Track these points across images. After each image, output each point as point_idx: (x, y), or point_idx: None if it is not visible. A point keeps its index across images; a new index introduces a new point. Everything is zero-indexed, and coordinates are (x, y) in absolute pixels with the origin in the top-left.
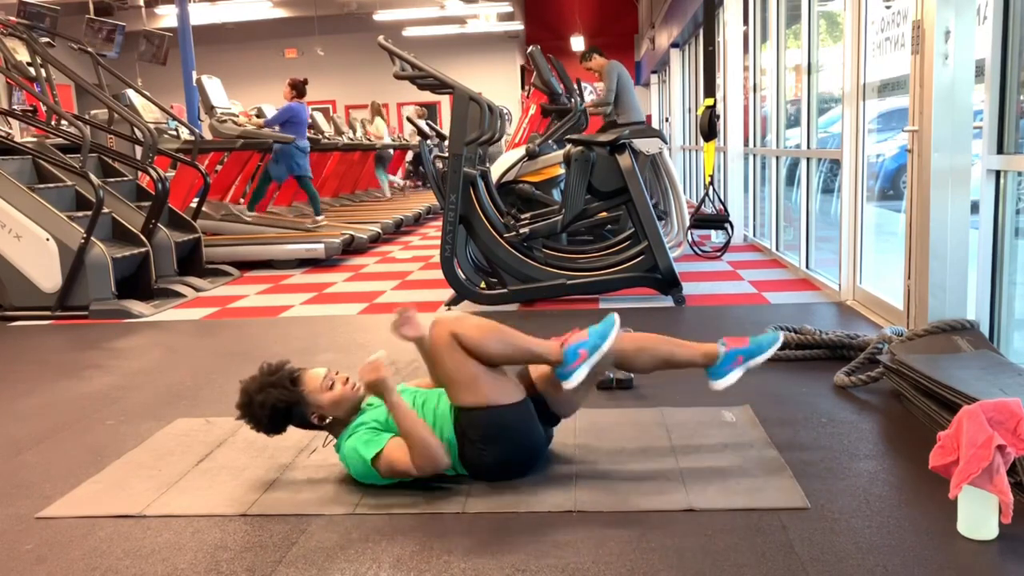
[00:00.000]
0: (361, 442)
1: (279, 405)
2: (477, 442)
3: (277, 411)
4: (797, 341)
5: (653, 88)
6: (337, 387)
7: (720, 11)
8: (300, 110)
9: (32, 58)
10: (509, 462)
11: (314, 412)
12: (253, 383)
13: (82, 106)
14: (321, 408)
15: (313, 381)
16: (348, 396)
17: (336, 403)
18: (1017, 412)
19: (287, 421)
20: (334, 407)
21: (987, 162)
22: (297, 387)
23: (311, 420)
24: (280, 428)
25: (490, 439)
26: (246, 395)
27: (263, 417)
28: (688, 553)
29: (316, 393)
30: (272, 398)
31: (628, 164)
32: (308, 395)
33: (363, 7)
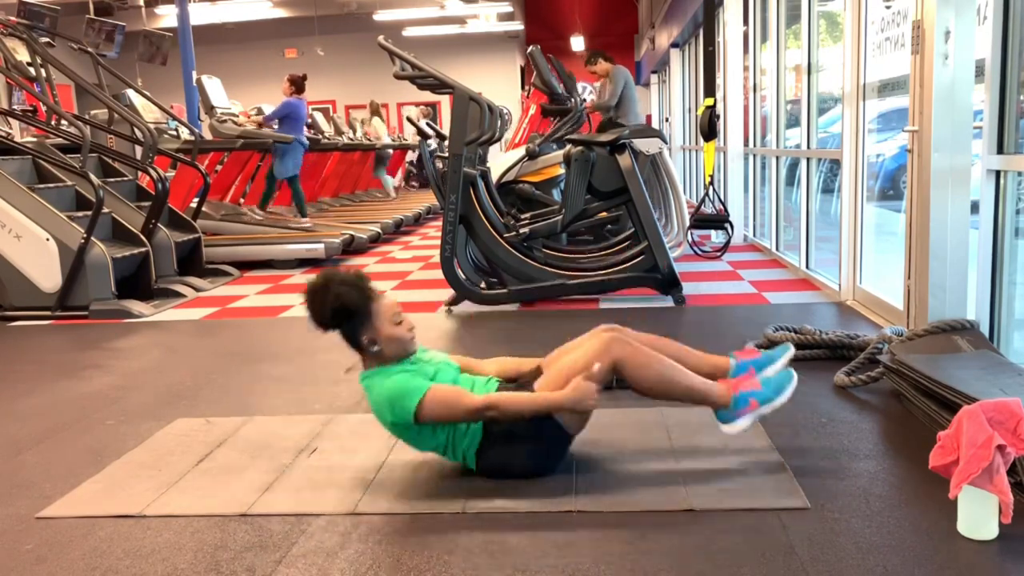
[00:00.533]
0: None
1: (350, 305)
2: (514, 440)
3: (345, 309)
4: (797, 341)
5: (653, 88)
6: (403, 326)
7: (720, 11)
8: (299, 106)
9: (32, 58)
10: (526, 471)
11: (370, 333)
12: (337, 274)
13: (82, 106)
14: (378, 333)
15: (387, 308)
16: (405, 341)
17: (393, 339)
18: (1017, 412)
19: (343, 323)
20: (388, 341)
21: (987, 162)
22: (372, 303)
23: (361, 337)
24: (331, 325)
25: (529, 441)
26: (325, 280)
27: (328, 306)
28: (688, 553)
29: (383, 318)
30: (349, 296)
31: (628, 164)
32: (377, 315)
33: (363, 7)
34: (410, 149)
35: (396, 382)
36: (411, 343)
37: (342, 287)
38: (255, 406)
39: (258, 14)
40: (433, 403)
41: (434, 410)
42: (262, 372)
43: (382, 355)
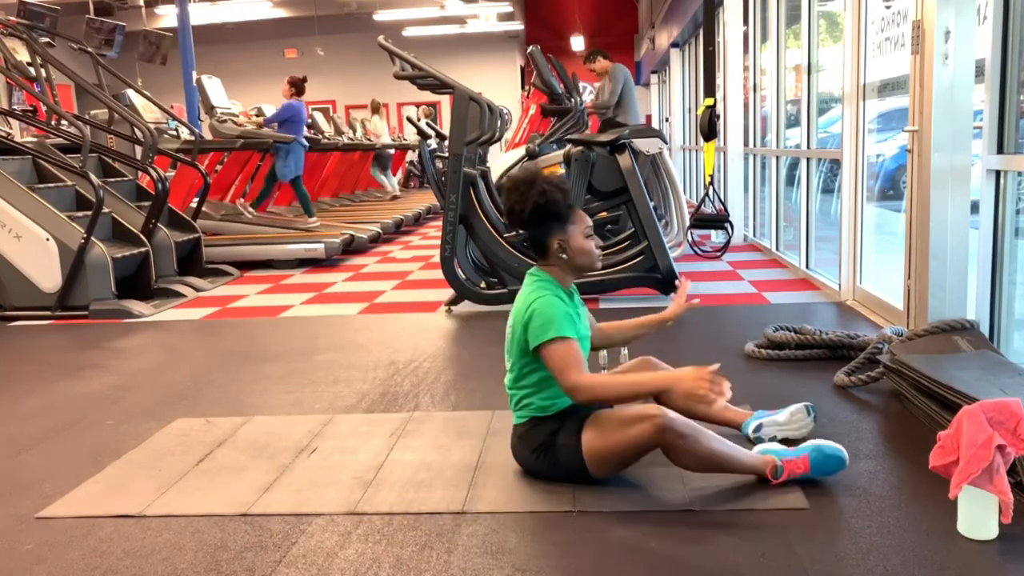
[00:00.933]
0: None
1: (552, 206)
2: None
3: (548, 209)
4: (797, 341)
5: (653, 88)
6: (592, 242)
7: (720, 11)
8: (299, 108)
9: (32, 58)
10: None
11: (562, 240)
12: (542, 174)
13: (82, 106)
14: (568, 243)
15: (582, 219)
16: (593, 255)
17: (584, 251)
18: (1017, 412)
19: (540, 222)
20: (578, 251)
21: (987, 162)
22: (572, 210)
23: (553, 241)
24: (528, 222)
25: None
26: (532, 177)
27: (532, 201)
28: (688, 553)
29: (578, 228)
30: (553, 196)
31: (628, 164)
32: (572, 223)
33: (363, 7)
34: (410, 149)
35: (559, 308)
36: (596, 260)
37: (548, 186)
38: (255, 406)
39: (258, 14)
40: (559, 351)
41: (555, 357)
42: (262, 372)
43: (565, 263)
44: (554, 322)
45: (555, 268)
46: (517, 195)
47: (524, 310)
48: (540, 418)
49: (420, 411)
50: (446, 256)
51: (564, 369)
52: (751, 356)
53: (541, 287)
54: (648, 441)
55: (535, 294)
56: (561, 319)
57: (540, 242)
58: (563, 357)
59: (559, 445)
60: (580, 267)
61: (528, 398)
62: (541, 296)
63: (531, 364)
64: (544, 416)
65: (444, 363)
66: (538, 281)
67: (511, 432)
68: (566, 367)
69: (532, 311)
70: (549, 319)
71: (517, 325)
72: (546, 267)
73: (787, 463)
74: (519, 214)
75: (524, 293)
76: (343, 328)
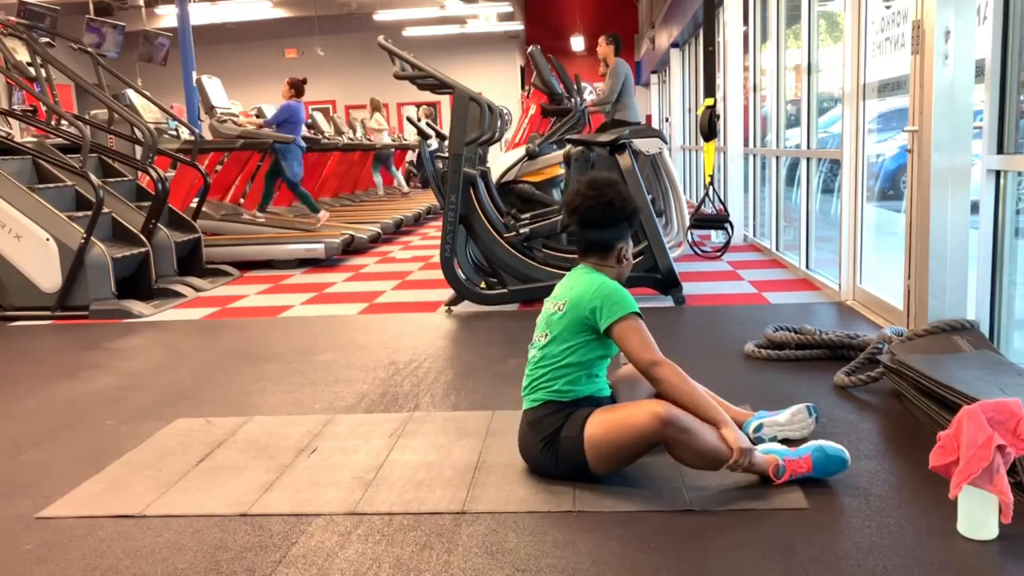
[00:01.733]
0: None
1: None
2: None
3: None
4: (797, 341)
5: (653, 88)
6: None
7: (720, 11)
8: (298, 109)
9: (32, 58)
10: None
11: (624, 247)
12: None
13: (82, 106)
14: (626, 250)
15: None
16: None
17: (630, 264)
18: (1017, 412)
19: (618, 223)
20: (627, 265)
21: (987, 162)
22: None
23: (619, 245)
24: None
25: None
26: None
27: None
28: (688, 553)
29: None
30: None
31: (628, 164)
32: (630, 239)
33: (363, 7)
34: (410, 149)
35: (621, 289)
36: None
37: (629, 193)
38: (255, 406)
39: (258, 14)
40: (638, 325)
41: (633, 331)
42: (262, 372)
43: (616, 270)
44: (627, 300)
45: (606, 270)
46: (613, 192)
47: (592, 290)
48: (555, 403)
49: (420, 411)
50: (446, 256)
51: (647, 345)
52: (751, 356)
53: (599, 277)
54: (650, 434)
55: (599, 278)
56: (631, 299)
57: (608, 243)
58: (644, 334)
59: (562, 436)
60: (621, 276)
61: (550, 381)
62: (606, 280)
63: (582, 344)
64: (559, 401)
65: (444, 363)
66: (589, 272)
67: (520, 420)
68: (643, 345)
69: (602, 290)
70: (624, 296)
71: (580, 303)
72: (598, 267)
73: (789, 463)
74: (591, 211)
75: (585, 279)
76: (343, 328)
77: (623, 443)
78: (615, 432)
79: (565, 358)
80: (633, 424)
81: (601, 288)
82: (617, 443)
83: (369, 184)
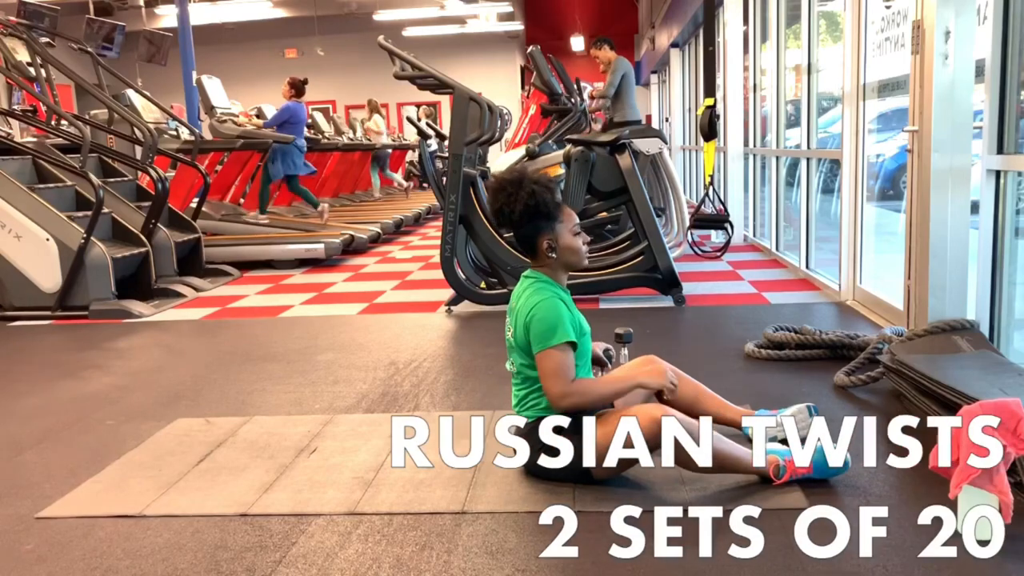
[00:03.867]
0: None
1: (543, 204)
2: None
3: (538, 208)
4: (797, 341)
5: (653, 88)
6: (580, 240)
7: (720, 11)
8: (299, 109)
9: (32, 58)
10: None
11: (552, 237)
12: (531, 173)
13: (82, 106)
14: (556, 241)
15: (569, 217)
16: (581, 252)
17: (572, 248)
18: (1017, 412)
19: (529, 221)
20: (566, 249)
21: (987, 162)
22: (560, 208)
23: (543, 240)
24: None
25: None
26: (520, 176)
27: (521, 202)
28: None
29: (566, 226)
30: (543, 195)
31: (628, 164)
32: (560, 223)
33: (363, 7)
34: (410, 149)
35: (562, 313)
36: (584, 258)
37: (536, 186)
38: (255, 406)
39: (258, 14)
40: (555, 360)
41: (549, 365)
42: (262, 372)
43: (554, 262)
44: (557, 328)
45: (547, 268)
46: (505, 196)
47: (527, 313)
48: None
49: (420, 411)
50: (446, 256)
51: (552, 376)
52: (751, 356)
53: (541, 288)
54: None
55: (536, 296)
56: (565, 324)
57: (530, 242)
58: (554, 367)
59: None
60: (569, 265)
61: (536, 399)
62: (543, 299)
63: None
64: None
65: (444, 363)
66: (536, 283)
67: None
68: (554, 375)
69: (534, 315)
70: (552, 324)
71: (519, 328)
72: (539, 267)
73: (790, 463)
74: (508, 215)
75: (524, 296)
76: (343, 328)
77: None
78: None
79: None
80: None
81: (530, 318)
82: None
83: (368, 184)
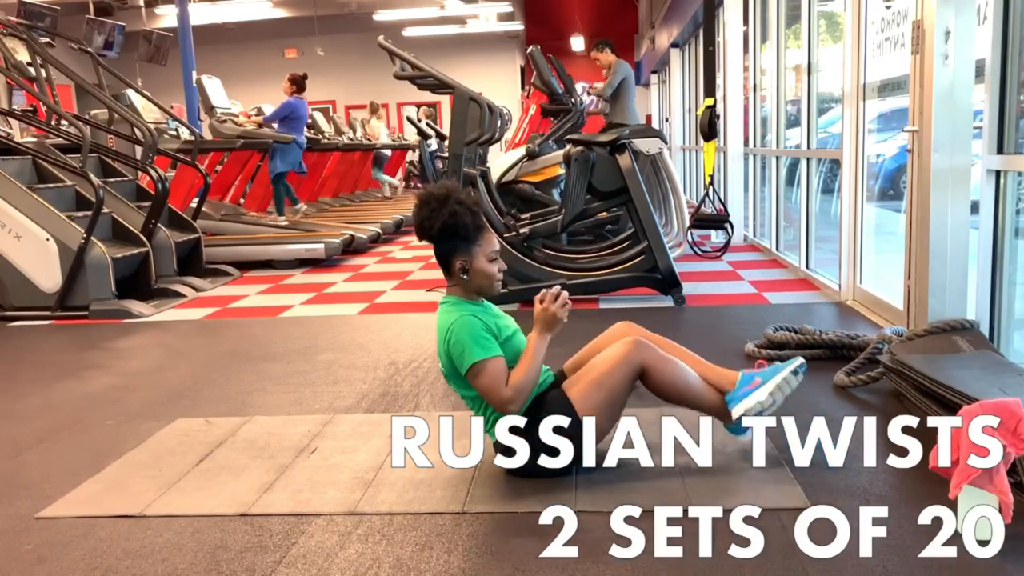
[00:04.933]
0: (473, 337)
1: (462, 226)
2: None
3: (456, 226)
4: (797, 341)
5: (653, 88)
6: (495, 267)
7: (720, 11)
8: (299, 106)
9: (32, 58)
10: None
11: (466, 260)
12: (459, 193)
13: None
14: (470, 264)
15: (488, 242)
16: (493, 280)
17: (484, 274)
18: (1017, 412)
19: (445, 240)
20: (478, 274)
21: (987, 162)
22: (480, 232)
23: (457, 260)
24: (434, 237)
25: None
26: (446, 193)
27: (440, 219)
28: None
29: (483, 251)
30: (463, 217)
31: (628, 164)
32: (478, 246)
33: (363, 7)
34: (410, 149)
35: (473, 328)
36: (496, 285)
37: (459, 207)
38: (255, 406)
39: (258, 14)
40: (485, 373)
41: (483, 381)
42: (262, 372)
43: (466, 284)
44: (473, 344)
45: (458, 288)
46: (428, 210)
47: (444, 341)
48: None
49: (420, 411)
50: None
51: (489, 390)
52: (751, 356)
53: (450, 310)
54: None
55: (447, 320)
56: (476, 340)
57: (445, 260)
58: (488, 380)
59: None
60: (479, 289)
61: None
62: (453, 321)
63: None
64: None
65: None
66: (446, 306)
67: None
68: (490, 388)
69: (450, 341)
70: (465, 345)
71: (443, 356)
72: (452, 289)
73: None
74: (427, 230)
75: (439, 324)
76: (343, 328)
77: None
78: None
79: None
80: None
81: (446, 341)
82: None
83: (368, 185)
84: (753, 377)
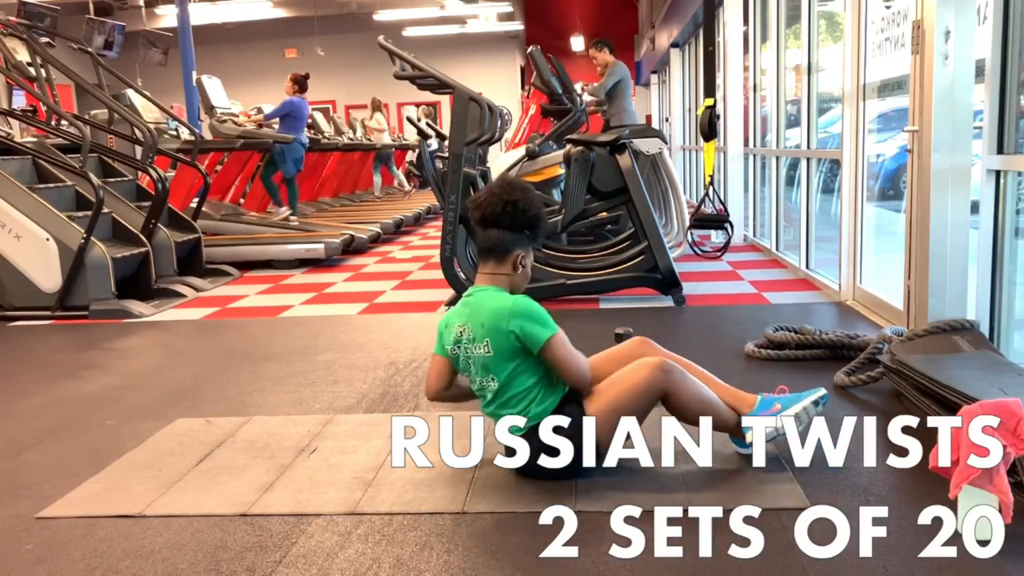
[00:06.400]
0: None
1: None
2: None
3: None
4: (797, 341)
5: (653, 88)
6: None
7: (720, 11)
8: (300, 105)
9: (32, 58)
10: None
11: (523, 256)
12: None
13: (82, 106)
14: (524, 260)
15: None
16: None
17: (527, 273)
18: (1017, 412)
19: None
20: (525, 272)
21: (987, 162)
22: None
23: (517, 254)
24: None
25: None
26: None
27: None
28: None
29: (532, 253)
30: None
31: (628, 164)
32: (533, 248)
33: (363, 7)
34: (410, 149)
35: (537, 306)
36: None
37: (539, 203)
38: (255, 406)
39: (258, 14)
40: (563, 346)
41: (560, 352)
42: (262, 372)
43: (513, 278)
44: (543, 320)
45: (501, 279)
46: (522, 195)
47: (502, 319)
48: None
49: (420, 411)
50: (446, 256)
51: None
52: (751, 356)
53: (498, 293)
54: (654, 385)
55: (502, 301)
56: (545, 316)
57: (506, 246)
58: (567, 351)
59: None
60: (517, 286)
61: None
62: (514, 301)
63: (523, 369)
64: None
65: None
66: (490, 292)
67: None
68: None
69: (516, 317)
70: (538, 320)
71: (498, 335)
72: (491, 278)
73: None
74: (508, 215)
75: (486, 306)
76: (343, 328)
77: (629, 398)
78: (623, 398)
79: (519, 386)
80: (636, 382)
81: (511, 314)
82: (624, 399)
83: (369, 184)
84: (772, 403)
